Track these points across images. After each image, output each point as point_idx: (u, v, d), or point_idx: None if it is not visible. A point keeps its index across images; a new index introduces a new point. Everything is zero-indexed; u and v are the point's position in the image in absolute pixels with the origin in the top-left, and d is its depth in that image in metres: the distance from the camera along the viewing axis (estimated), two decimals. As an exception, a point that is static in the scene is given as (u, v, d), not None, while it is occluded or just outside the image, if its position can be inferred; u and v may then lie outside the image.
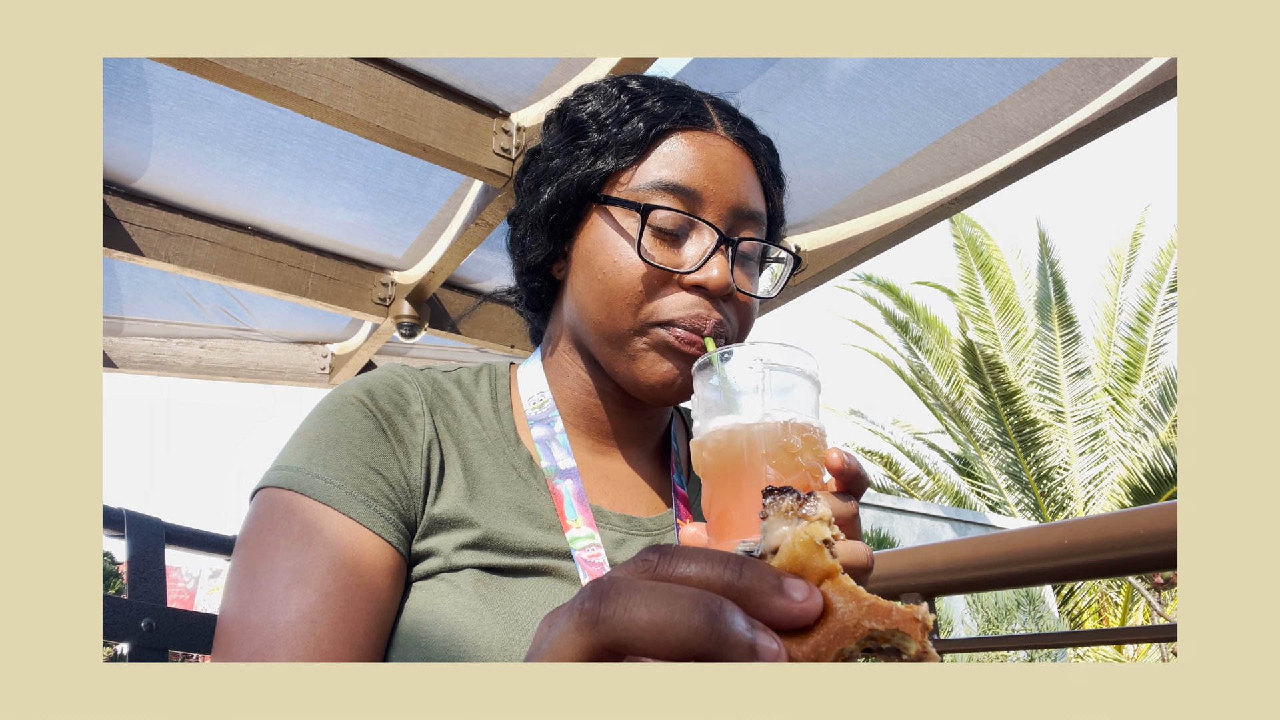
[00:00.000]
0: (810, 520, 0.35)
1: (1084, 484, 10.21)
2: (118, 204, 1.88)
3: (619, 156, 0.73)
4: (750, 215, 0.73)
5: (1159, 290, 10.35)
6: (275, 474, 0.65)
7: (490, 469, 0.72)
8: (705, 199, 0.71)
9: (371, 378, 0.73)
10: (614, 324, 0.71)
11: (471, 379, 0.80)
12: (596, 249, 0.73)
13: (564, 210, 0.75)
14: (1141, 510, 1.15)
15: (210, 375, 2.57)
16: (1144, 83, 1.38)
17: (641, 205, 0.70)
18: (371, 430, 0.68)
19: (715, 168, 0.72)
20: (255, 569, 0.61)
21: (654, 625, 0.29)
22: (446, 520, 0.67)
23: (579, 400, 0.79)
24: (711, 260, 0.70)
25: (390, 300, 2.26)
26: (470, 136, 1.62)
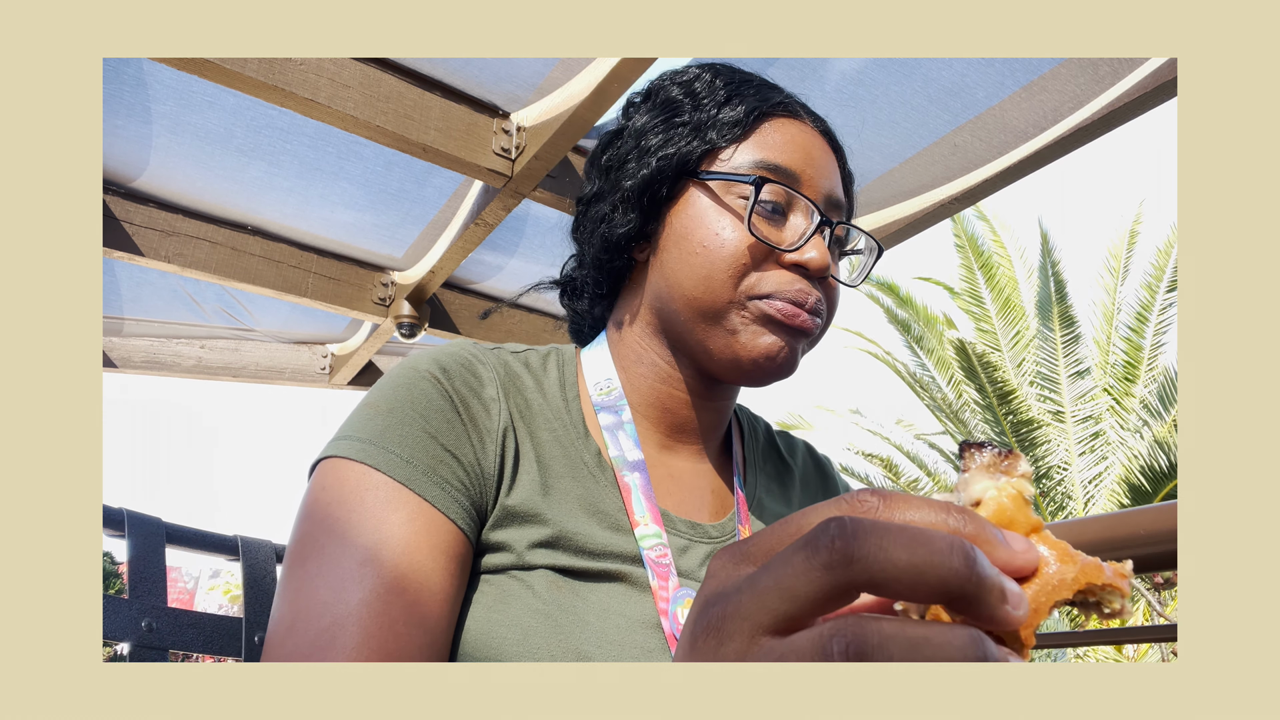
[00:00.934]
0: (1013, 476, 0.35)
1: (1084, 484, 10.21)
2: (118, 204, 1.88)
3: (720, 134, 0.72)
4: (838, 205, 0.75)
5: (1157, 290, 10.35)
6: (346, 444, 0.62)
7: (561, 461, 0.70)
8: (804, 182, 0.72)
9: (444, 354, 0.70)
10: (713, 297, 0.69)
11: (540, 362, 0.77)
12: (695, 224, 0.71)
13: (660, 186, 0.73)
14: (1141, 510, 1.15)
15: (210, 375, 2.57)
16: (1144, 83, 1.39)
17: (755, 177, 0.69)
18: (446, 410, 0.65)
19: (811, 154, 0.73)
20: (324, 544, 0.58)
21: (913, 566, 0.27)
22: (520, 514, 0.64)
23: (651, 388, 0.77)
24: (813, 240, 0.70)
25: (390, 300, 2.26)
26: (470, 136, 1.62)
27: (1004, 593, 0.29)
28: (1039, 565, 0.32)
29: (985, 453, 0.35)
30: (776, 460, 0.88)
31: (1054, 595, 0.31)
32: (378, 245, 2.16)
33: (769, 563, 0.30)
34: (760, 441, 0.88)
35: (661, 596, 0.65)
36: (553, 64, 1.52)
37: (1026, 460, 0.35)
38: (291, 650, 0.55)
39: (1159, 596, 8.96)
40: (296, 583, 0.57)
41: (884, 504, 0.31)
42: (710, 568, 0.34)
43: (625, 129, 0.79)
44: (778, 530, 0.33)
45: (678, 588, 0.66)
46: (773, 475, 0.86)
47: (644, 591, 0.65)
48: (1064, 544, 0.33)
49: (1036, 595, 0.31)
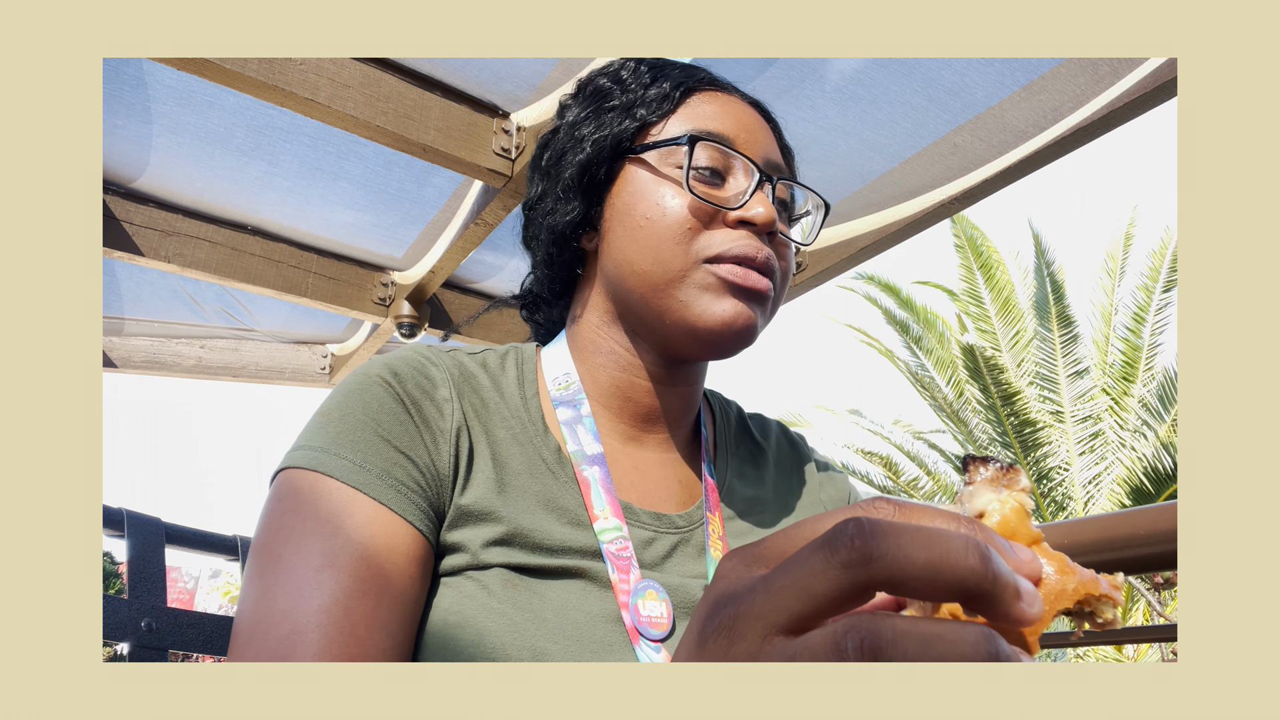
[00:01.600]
0: (1014, 490, 0.36)
1: (1084, 484, 10.21)
2: (118, 204, 1.89)
3: (649, 111, 0.73)
4: (777, 167, 0.75)
5: (1154, 291, 10.35)
6: (299, 454, 0.62)
7: (519, 459, 0.69)
8: (739, 144, 0.72)
9: (396, 358, 0.70)
10: (663, 268, 0.69)
11: (498, 361, 0.77)
12: (636, 199, 0.72)
13: (597, 168, 0.74)
14: (1141, 510, 1.15)
15: (210, 375, 2.57)
16: (1144, 82, 1.38)
17: (688, 137, 0.69)
18: (399, 413, 0.65)
19: (743, 121, 0.73)
20: (280, 554, 0.57)
21: (931, 565, 0.28)
22: (474, 513, 0.64)
23: (611, 378, 0.76)
24: (755, 196, 0.70)
25: (390, 300, 2.26)
26: (470, 136, 1.62)
27: (1018, 591, 0.29)
28: (1042, 575, 0.33)
29: (989, 467, 0.37)
30: (750, 443, 0.87)
31: (1056, 604, 0.33)
32: (378, 245, 2.16)
33: (785, 562, 0.30)
34: (732, 425, 0.88)
35: (622, 590, 0.65)
36: (553, 64, 1.52)
37: (1026, 475, 0.36)
38: (251, 659, 0.54)
39: (1159, 596, 8.96)
40: (255, 594, 0.57)
41: (899, 512, 0.32)
42: (720, 569, 0.34)
43: (559, 127, 0.80)
44: (791, 533, 0.33)
45: (639, 579, 0.66)
46: (745, 459, 0.85)
47: (604, 586, 0.65)
48: (1062, 556, 0.34)
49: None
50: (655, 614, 0.65)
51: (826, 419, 24.69)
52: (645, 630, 0.63)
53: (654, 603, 0.65)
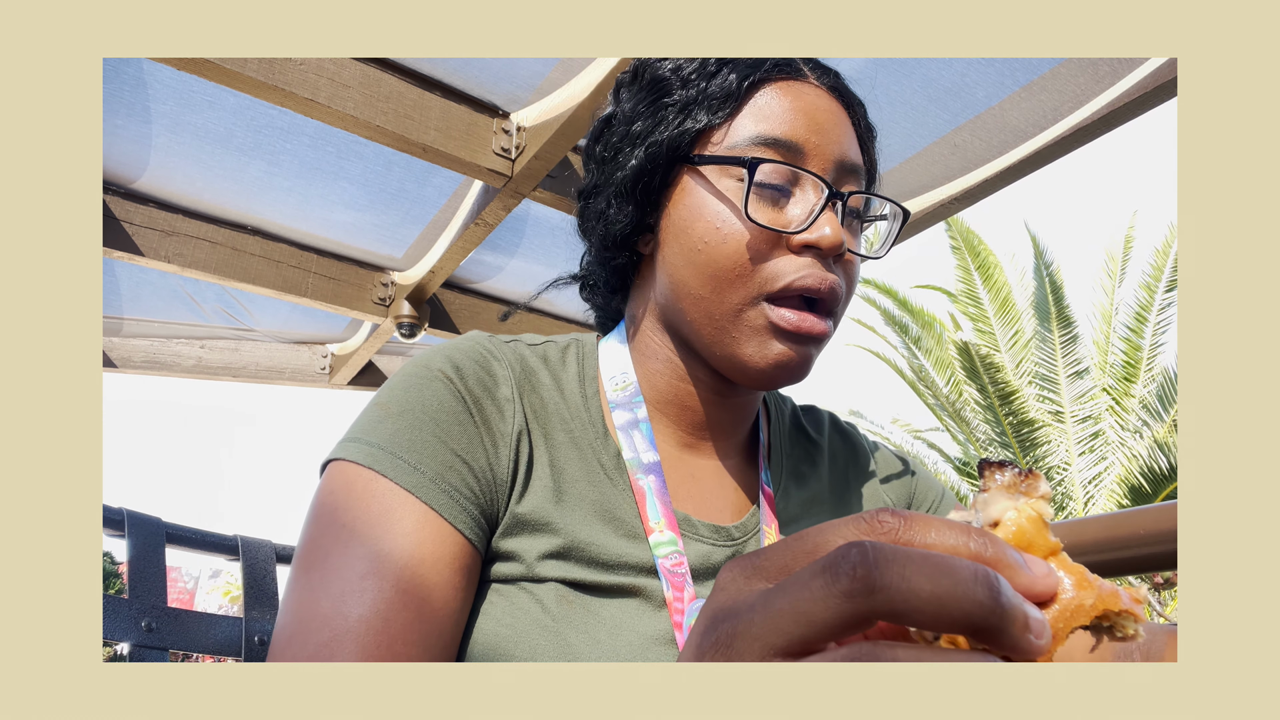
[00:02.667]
0: (1032, 497, 0.34)
1: (1083, 484, 10.21)
2: (118, 204, 1.89)
3: (711, 112, 0.67)
4: (853, 169, 0.68)
5: (1156, 290, 10.35)
6: (354, 447, 0.60)
7: (577, 465, 0.67)
8: (808, 152, 0.66)
9: (458, 351, 0.67)
10: (720, 299, 0.65)
11: (559, 356, 0.73)
12: (694, 216, 0.67)
13: (653, 175, 0.69)
14: (1141, 510, 1.15)
15: (210, 375, 2.57)
16: (1144, 82, 1.39)
17: (748, 160, 0.64)
18: (459, 413, 0.62)
19: (815, 118, 0.67)
20: (329, 552, 0.57)
21: (936, 598, 0.27)
22: (531, 522, 0.62)
23: (669, 385, 0.73)
24: (822, 217, 0.64)
25: (390, 300, 2.26)
26: (470, 136, 1.62)
27: (1027, 622, 0.28)
28: (1057, 592, 0.31)
29: (1006, 473, 0.35)
30: (805, 441, 0.84)
31: (1072, 621, 0.31)
32: (378, 245, 2.16)
33: (785, 583, 0.29)
34: (786, 423, 0.84)
35: (676, 609, 0.63)
36: (553, 64, 1.52)
37: (1046, 481, 0.34)
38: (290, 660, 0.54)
39: (1159, 596, 8.96)
40: (300, 591, 0.56)
41: (904, 525, 0.30)
42: (719, 580, 0.33)
43: (615, 114, 0.74)
44: (793, 546, 0.32)
45: (694, 599, 0.64)
46: (801, 458, 0.82)
47: (658, 605, 0.63)
48: (1081, 568, 0.32)
49: (1054, 621, 0.30)
50: None
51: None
52: None
53: None
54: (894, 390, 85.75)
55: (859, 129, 0.72)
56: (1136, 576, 8.53)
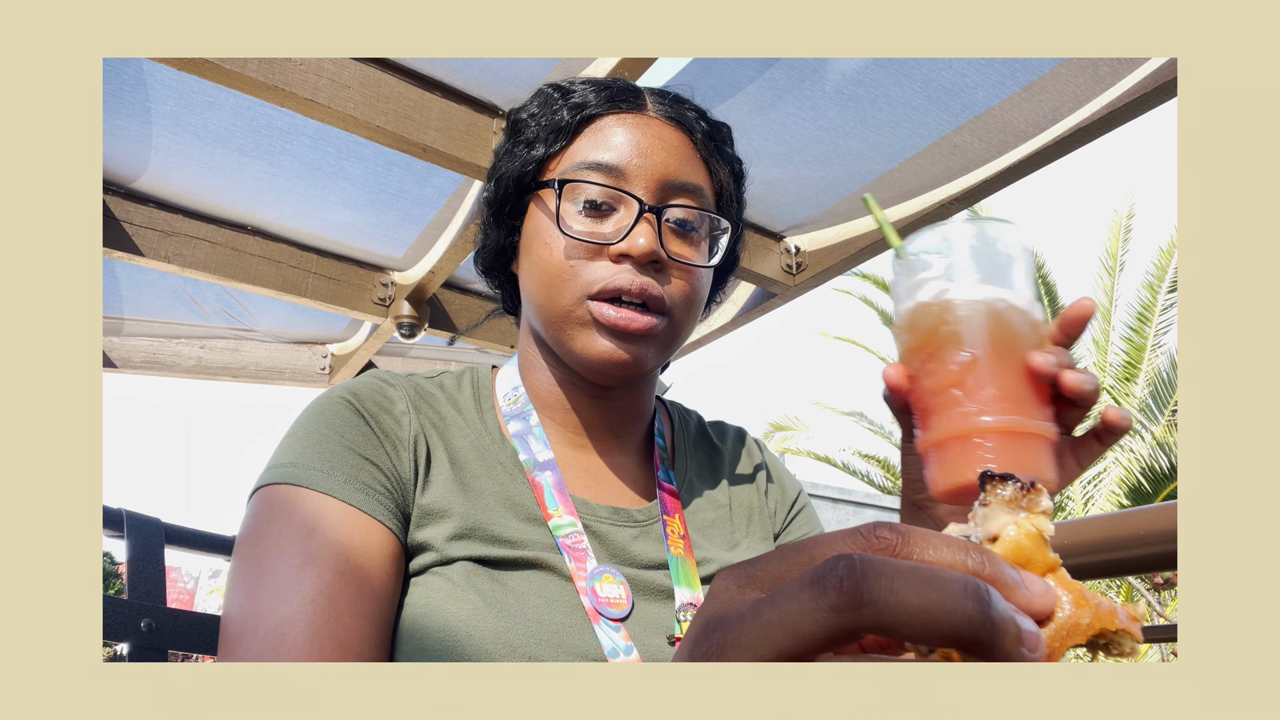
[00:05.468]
0: (1033, 513, 0.34)
1: (1083, 483, 10.21)
2: (118, 204, 1.88)
3: (547, 144, 0.75)
4: (683, 187, 0.74)
5: (1159, 290, 10.34)
6: (271, 472, 0.65)
7: (477, 463, 0.73)
8: (629, 174, 0.72)
9: (355, 382, 0.74)
10: (552, 303, 0.73)
11: (454, 382, 0.81)
12: (533, 235, 0.75)
13: (504, 203, 0.78)
14: (1141, 510, 1.15)
15: (210, 375, 2.57)
16: (1144, 83, 1.38)
17: (556, 181, 0.72)
18: (360, 425, 0.69)
19: (640, 144, 0.73)
20: (260, 558, 0.60)
21: (924, 612, 0.26)
22: (435, 510, 0.68)
23: (550, 391, 0.80)
24: (636, 229, 0.71)
25: (390, 300, 2.26)
26: (470, 137, 1.62)
27: (1019, 635, 0.28)
28: (1054, 611, 0.31)
29: (1008, 487, 0.34)
30: (708, 447, 0.92)
31: (1068, 640, 0.31)
32: (377, 245, 2.16)
33: (775, 594, 0.29)
34: (691, 432, 0.92)
35: (580, 576, 0.68)
36: (553, 64, 1.52)
37: (1048, 496, 0.34)
38: (243, 655, 0.57)
39: (1159, 597, 8.96)
40: (240, 596, 0.59)
41: (901, 542, 0.30)
42: (713, 588, 0.34)
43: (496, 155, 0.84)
44: (788, 556, 0.32)
45: (596, 566, 0.70)
46: (704, 462, 0.90)
47: (563, 578, 0.68)
48: (1080, 586, 0.32)
49: (1050, 639, 0.30)
50: (614, 595, 0.68)
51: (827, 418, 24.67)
52: (605, 610, 0.67)
53: (611, 585, 0.69)
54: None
55: (701, 151, 0.78)
56: (1136, 576, 8.52)
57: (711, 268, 0.78)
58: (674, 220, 0.74)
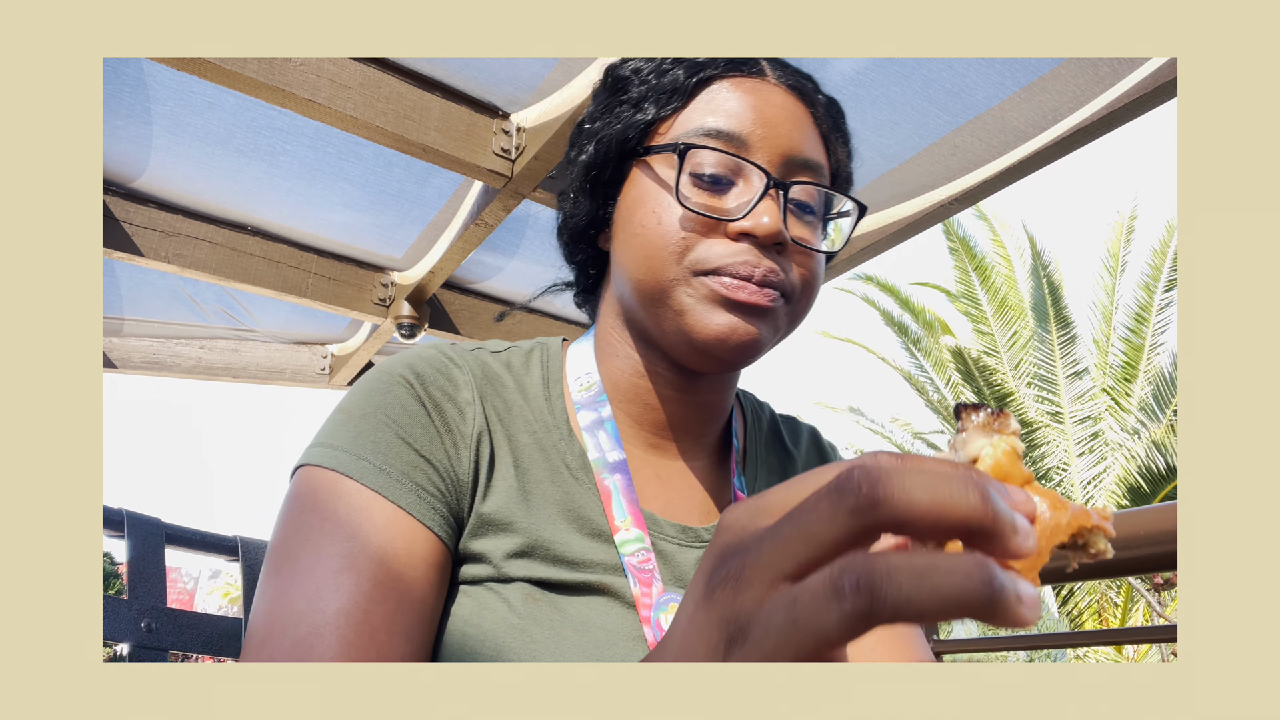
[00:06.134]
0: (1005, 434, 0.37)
1: (1083, 484, 10.21)
2: (118, 204, 1.88)
3: (659, 105, 0.68)
4: (805, 164, 0.67)
5: (1155, 290, 10.35)
6: (319, 452, 0.61)
7: (541, 465, 0.67)
8: (753, 144, 0.66)
9: (419, 358, 0.68)
10: (655, 278, 0.65)
11: (523, 361, 0.74)
12: (636, 205, 0.68)
13: (603, 169, 0.70)
14: (1142, 510, 1.15)
15: (210, 376, 2.57)
16: (1144, 83, 1.38)
17: (679, 145, 0.65)
18: (420, 415, 0.63)
19: (764, 112, 0.66)
20: (297, 554, 0.56)
21: (935, 505, 0.28)
22: (495, 522, 0.63)
23: (630, 383, 0.73)
24: (760, 206, 0.64)
25: (390, 301, 2.26)
26: (470, 137, 1.62)
27: (1015, 526, 0.29)
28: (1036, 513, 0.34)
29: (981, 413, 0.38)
30: (779, 450, 0.83)
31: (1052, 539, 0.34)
32: (377, 246, 2.16)
33: (792, 512, 0.31)
34: (764, 430, 0.83)
35: (644, 604, 0.63)
36: (552, 64, 1.52)
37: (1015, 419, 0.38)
38: (267, 661, 0.53)
39: (1159, 597, 8.95)
40: (270, 593, 0.55)
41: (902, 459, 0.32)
42: (724, 521, 0.35)
43: (585, 117, 0.76)
44: (794, 485, 0.34)
45: (662, 592, 0.64)
46: (774, 468, 0.81)
47: (626, 603, 0.63)
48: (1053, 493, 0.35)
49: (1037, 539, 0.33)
50: None
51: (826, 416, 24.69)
52: None
53: None
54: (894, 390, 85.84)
55: (821, 128, 0.71)
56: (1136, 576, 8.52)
57: (835, 254, 0.70)
58: (795, 200, 0.67)
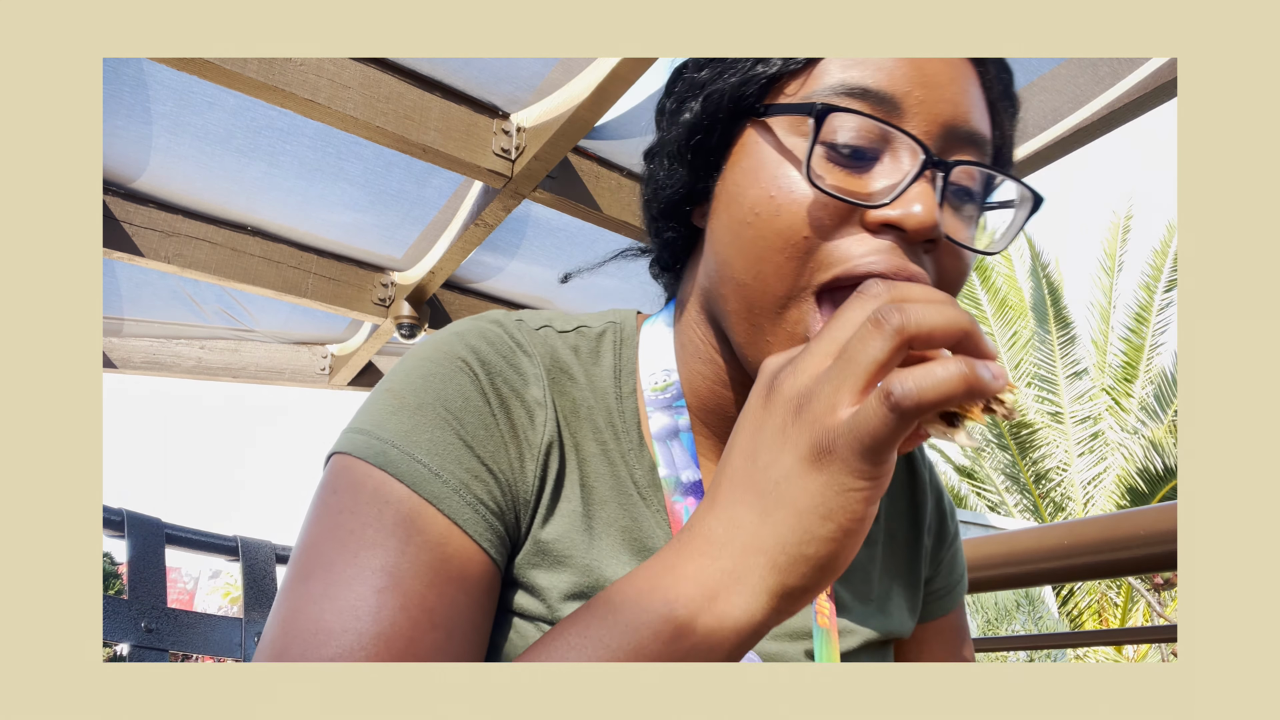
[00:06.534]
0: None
1: (1083, 484, 10.21)
2: (118, 204, 1.89)
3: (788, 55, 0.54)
4: (969, 138, 0.53)
5: (1155, 290, 10.36)
6: (365, 442, 0.52)
7: (607, 482, 0.58)
8: (907, 109, 0.52)
9: (481, 336, 0.57)
10: (763, 287, 0.53)
11: (592, 347, 0.63)
12: (750, 180, 0.54)
13: (710, 131, 0.56)
14: (1141, 510, 1.15)
15: (210, 376, 2.57)
16: (1144, 83, 1.38)
17: (816, 105, 0.51)
18: (484, 414, 0.54)
19: (924, 69, 0.52)
20: (333, 560, 0.48)
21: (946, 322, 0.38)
22: (554, 552, 0.55)
23: (710, 391, 0.62)
24: (913, 190, 0.50)
25: (390, 301, 2.26)
26: (470, 137, 1.62)
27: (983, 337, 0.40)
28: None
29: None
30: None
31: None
32: (377, 246, 2.16)
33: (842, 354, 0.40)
34: None
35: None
36: (553, 64, 1.52)
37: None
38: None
39: (1159, 597, 8.95)
40: (297, 601, 0.47)
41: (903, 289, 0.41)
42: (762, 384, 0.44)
43: (688, 61, 0.62)
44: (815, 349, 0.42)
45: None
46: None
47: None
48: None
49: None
50: None
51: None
52: None
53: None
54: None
55: (990, 94, 0.56)
56: (1136, 576, 8.52)
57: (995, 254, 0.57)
58: (955, 183, 0.54)
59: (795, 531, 0.40)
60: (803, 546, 0.40)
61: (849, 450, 0.38)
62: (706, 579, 0.41)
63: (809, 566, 0.40)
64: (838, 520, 0.39)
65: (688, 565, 0.43)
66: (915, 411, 0.37)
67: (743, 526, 0.42)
